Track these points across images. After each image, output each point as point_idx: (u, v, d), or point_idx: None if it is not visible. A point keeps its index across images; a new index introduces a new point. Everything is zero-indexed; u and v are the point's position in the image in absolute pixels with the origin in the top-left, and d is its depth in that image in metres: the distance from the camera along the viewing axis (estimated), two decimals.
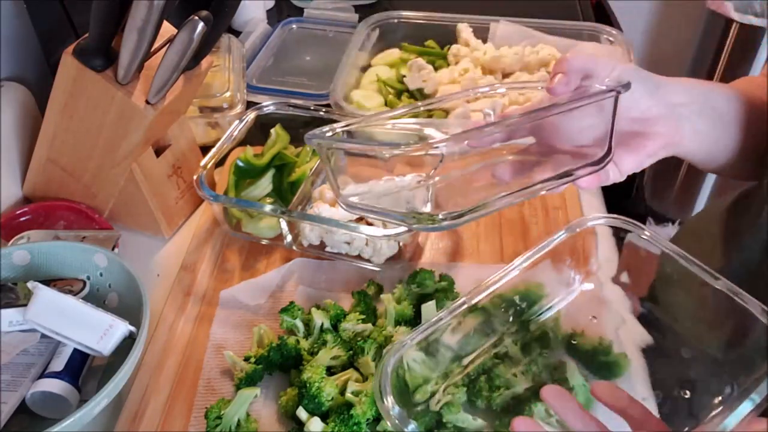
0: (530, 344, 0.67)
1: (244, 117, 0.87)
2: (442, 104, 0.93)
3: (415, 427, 0.51)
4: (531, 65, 1.07)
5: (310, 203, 0.84)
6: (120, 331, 0.65)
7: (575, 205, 0.87)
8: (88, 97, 0.72)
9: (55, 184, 0.84)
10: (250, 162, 0.85)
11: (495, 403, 0.63)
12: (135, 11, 0.62)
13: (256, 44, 1.19)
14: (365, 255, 0.78)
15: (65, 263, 0.73)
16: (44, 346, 0.67)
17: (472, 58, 1.06)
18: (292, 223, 0.79)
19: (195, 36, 0.64)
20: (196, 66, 0.77)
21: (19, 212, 0.83)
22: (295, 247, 0.82)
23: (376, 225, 0.79)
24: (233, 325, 0.74)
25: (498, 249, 0.82)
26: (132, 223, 0.87)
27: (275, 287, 0.78)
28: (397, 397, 0.53)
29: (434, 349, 0.65)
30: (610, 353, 0.66)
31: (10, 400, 0.62)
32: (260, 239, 0.83)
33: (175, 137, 0.85)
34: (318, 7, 1.31)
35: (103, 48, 0.69)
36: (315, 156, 0.87)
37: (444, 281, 0.74)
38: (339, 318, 0.71)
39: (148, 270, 0.83)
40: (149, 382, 0.69)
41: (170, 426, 0.65)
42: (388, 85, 1.05)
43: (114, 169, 0.79)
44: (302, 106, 0.91)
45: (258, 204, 0.79)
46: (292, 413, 0.63)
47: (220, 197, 0.80)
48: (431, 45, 1.14)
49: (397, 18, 1.15)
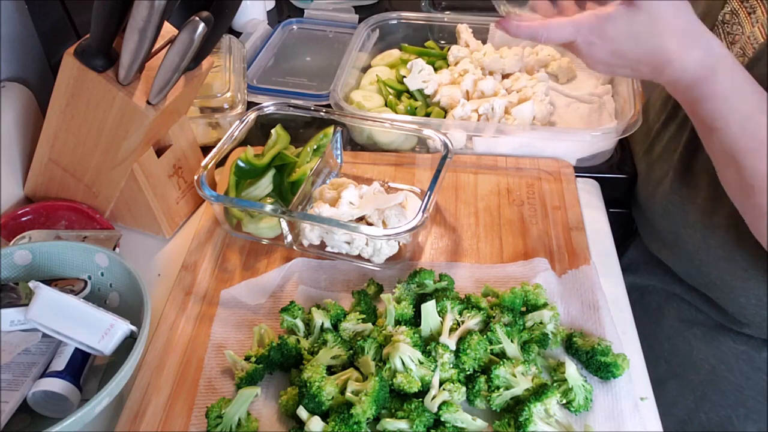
0: (530, 344, 0.67)
1: (245, 117, 0.87)
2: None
3: None
4: (530, 66, 1.07)
5: (311, 203, 0.84)
6: (121, 330, 0.65)
7: (575, 205, 0.87)
8: (89, 98, 0.72)
9: (56, 184, 0.85)
10: (251, 162, 0.85)
11: (495, 403, 0.63)
12: (136, 12, 0.62)
13: (256, 45, 1.20)
14: (365, 255, 0.79)
15: (66, 263, 0.73)
16: (45, 345, 0.68)
17: (471, 59, 1.07)
18: (292, 223, 0.79)
19: (196, 37, 0.64)
20: (197, 66, 0.77)
21: (20, 212, 0.83)
22: (296, 246, 0.82)
23: (376, 225, 0.79)
24: (234, 325, 0.74)
25: (498, 249, 0.82)
26: (133, 223, 0.87)
27: (276, 287, 0.78)
28: None
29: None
30: (610, 353, 0.66)
31: (12, 399, 0.62)
32: (261, 239, 0.84)
33: (175, 137, 0.85)
34: (318, 8, 1.31)
35: (104, 48, 0.69)
36: (315, 156, 0.87)
37: (444, 281, 0.74)
38: (339, 317, 0.71)
39: (149, 270, 0.83)
40: (150, 382, 0.69)
41: (171, 425, 0.65)
42: (388, 86, 1.05)
43: (115, 169, 0.79)
44: (302, 106, 0.91)
45: (258, 204, 0.79)
46: (292, 412, 0.64)
47: (220, 197, 0.80)
48: (431, 45, 1.14)
49: (397, 18, 1.16)
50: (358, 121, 0.92)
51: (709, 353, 0.82)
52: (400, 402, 0.63)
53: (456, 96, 0.98)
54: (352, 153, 0.97)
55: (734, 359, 0.80)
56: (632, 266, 0.93)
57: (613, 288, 0.78)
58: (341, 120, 0.91)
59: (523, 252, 0.81)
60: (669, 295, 0.88)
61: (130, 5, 0.63)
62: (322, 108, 0.91)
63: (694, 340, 0.84)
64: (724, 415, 0.83)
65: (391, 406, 0.63)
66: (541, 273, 0.76)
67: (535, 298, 0.70)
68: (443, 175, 0.77)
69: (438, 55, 1.12)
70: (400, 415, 0.62)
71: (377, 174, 0.93)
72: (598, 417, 0.64)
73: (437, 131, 0.84)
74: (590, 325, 0.71)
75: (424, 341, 0.67)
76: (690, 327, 0.85)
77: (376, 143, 0.99)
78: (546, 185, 0.90)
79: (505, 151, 0.95)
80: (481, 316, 0.69)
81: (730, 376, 0.81)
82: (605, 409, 0.64)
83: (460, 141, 0.95)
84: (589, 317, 0.72)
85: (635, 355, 0.70)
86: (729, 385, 0.81)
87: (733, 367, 0.80)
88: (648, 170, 0.89)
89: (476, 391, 0.64)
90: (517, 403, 0.62)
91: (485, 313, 0.69)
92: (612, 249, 0.84)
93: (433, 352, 0.65)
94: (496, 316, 0.69)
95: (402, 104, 1.02)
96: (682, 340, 0.86)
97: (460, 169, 0.93)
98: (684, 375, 0.86)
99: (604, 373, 0.66)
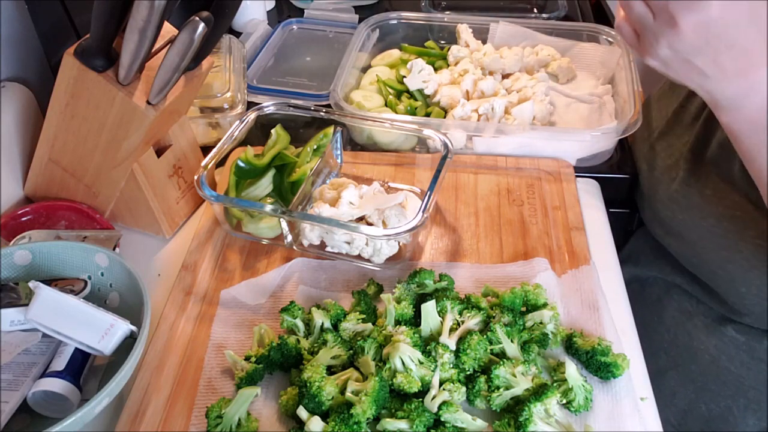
0: (530, 344, 0.67)
1: (245, 117, 0.87)
2: None
3: None
4: (530, 66, 1.07)
5: (311, 203, 0.84)
6: (121, 330, 0.65)
7: (575, 205, 0.87)
8: (89, 98, 0.72)
9: (56, 184, 0.85)
10: (251, 162, 0.85)
11: (495, 403, 0.63)
12: (136, 12, 0.62)
13: (256, 45, 1.20)
14: (365, 255, 0.79)
15: (66, 263, 0.73)
16: (45, 345, 0.68)
17: (471, 59, 1.07)
18: (292, 223, 0.79)
19: (196, 37, 0.64)
20: (197, 67, 0.77)
21: (20, 212, 0.83)
22: (296, 246, 0.82)
23: (376, 225, 0.79)
24: (234, 325, 0.74)
25: (498, 249, 0.82)
26: (133, 223, 0.87)
27: (276, 287, 0.78)
28: None
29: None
30: (610, 353, 0.66)
31: (12, 399, 0.62)
32: (261, 239, 0.84)
33: (175, 137, 0.85)
34: (318, 8, 1.31)
35: (104, 48, 0.69)
36: (315, 156, 0.87)
37: (444, 281, 0.74)
38: (339, 317, 0.71)
39: (149, 270, 0.83)
40: (150, 382, 0.69)
41: (171, 425, 0.65)
42: (388, 86, 1.05)
43: (115, 169, 0.79)
44: (302, 106, 0.91)
45: (259, 204, 0.79)
46: (292, 412, 0.64)
47: (220, 197, 0.80)
48: (431, 45, 1.14)
49: (397, 19, 1.16)
50: (358, 121, 0.92)
51: (709, 344, 0.82)
52: (400, 402, 0.63)
53: (456, 96, 0.98)
54: (352, 153, 0.97)
55: (735, 350, 0.80)
56: (633, 257, 0.93)
57: (613, 288, 0.78)
58: (341, 120, 0.91)
59: (523, 252, 0.81)
60: (669, 286, 0.89)
61: (130, 5, 0.63)
62: (322, 108, 0.91)
63: (694, 330, 0.84)
64: (724, 405, 0.83)
65: (391, 406, 0.63)
66: (541, 273, 0.76)
67: (535, 298, 0.70)
68: (443, 175, 0.77)
69: (438, 55, 1.12)
70: (400, 415, 0.62)
71: (377, 174, 0.93)
72: (598, 417, 0.64)
73: (437, 131, 0.84)
74: (590, 325, 0.71)
75: (424, 341, 0.67)
76: (690, 318, 0.85)
77: (376, 143, 0.99)
78: (546, 185, 0.90)
79: (505, 151, 0.95)
80: (481, 316, 0.69)
81: (730, 366, 0.81)
82: (605, 409, 0.64)
83: (460, 141, 0.95)
84: (589, 317, 0.72)
85: (635, 355, 0.70)
86: (729, 376, 0.81)
87: (733, 358, 0.81)
88: (655, 158, 0.89)
89: (476, 391, 0.64)
90: (517, 403, 0.62)
91: (485, 313, 0.69)
92: (612, 249, 0.84)
93: (433, 352, 0.65)
94: (496, 316, 0.69)
95: (402, 104, 1.02)
96: (682, 331, 0.86)
97: (460, 169, 0.93)
98: (684, 366, 0.86)
99: (604, 373, 0.66)
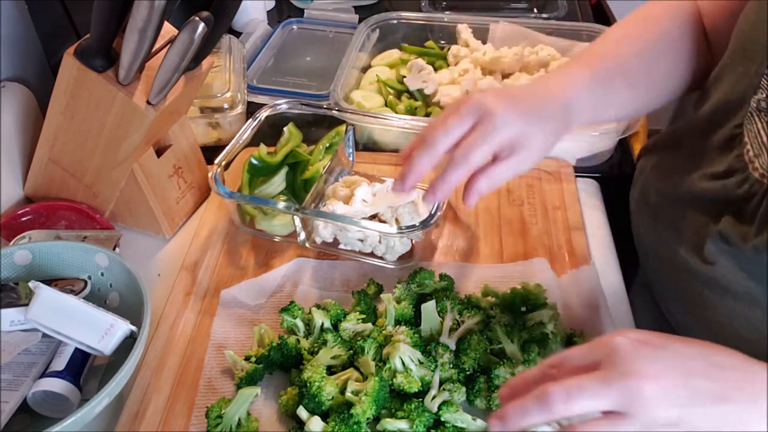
0: (530, 344, 0.67)
1: (257, 115, 0.88)
2: None
3: None
4: (530, 65, 1.07)
5: (324, 201, 0.84)
6: (121, 330, 0.65)
7: (575, 205, 0.87)
8: (89, 98, 0.72)
9: (56, 184, 0.85)
10: (264, 160, 0.85)
11: (495, 404, 0.63)
12: (136, 12, 0.62)
13: (256, 45, 1.20)
14: (378, 252, 0.79)
15: (66, 263, 0.73)
16: (45, 345, 0.68)
17: (471, 59, 1.06)
18: (305, 221, 0.80)
19: (196, 37, 0.64)
20: (197, 66, 0.77)
21: (20, 212, 0.83)
22: (308, 244, 0.82)
23: (389, 223, 0.79)
24: (234, 325, 0.74)
25: (498, 249, 0.82)
26: (133, 223, 0.87)
27: (276, 287, 0.78)
28: None
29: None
30: None
31: (12, 399, 0.62)
32: (273, 236, 0.84)
33: (176, 137, 0.85)
34: (318, 8, 1.31)
35: (104, 48, 0.69)
36: (327, 154, 0.88)
37: (444, 281, 0.74)
38: (339, 317, 0.71)
39: (149, 270, 0.83)
40: (150, 382, 0.69)
41: (171, 425, 0.65)
42: (388, 86, 1.05)
43: (115, 169, 0.79)
44: (315, 104, 0.92)
45: (272, 201, 0.80)
46: (292, 412, 0.64)
47: (235, 194, 0.80)
48: (431, 45, 1.14)
49: (397, 18, 1.16)
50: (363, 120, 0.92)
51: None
52: (400, 402, 0.63)
53: (456, 96, 0.98)
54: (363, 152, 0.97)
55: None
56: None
57: (613, 287, 0.78)
58: (352, 119, 0.91)
59: (523, 252, 0.81)
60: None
61: (130, 5, 0.63)
62: (334, 107, 0.91)
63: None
64: None
65: (391, 406, 0.63)
66: (541, 273, 0.76)
67: (535, 298, 0.70)
68: None
69: (438, 55, 1.12)
70: (400, 415, 0.62)
71: (387, 173, 0.93)
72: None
73: None
74: (590, 325, 0.71)
75: (424, 341, 0.67)
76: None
77: (376, 143, 0.99)
78: (546, 185, 0.90)
79: None
80: (481, 316, 0.69)
81: None
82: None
83: None
84: (589, 317, 0.72)
85: None
86: None
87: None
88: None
89: (476, 391, 0.64)
90: None
91: (485, 313, 0.69)
92: (612, 249, 0.84)
93: (433, 352, 0.65)
94: (496, 316, 0.69)
95: (402, 104, 1.02)
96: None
97: None
98: None
99: None
